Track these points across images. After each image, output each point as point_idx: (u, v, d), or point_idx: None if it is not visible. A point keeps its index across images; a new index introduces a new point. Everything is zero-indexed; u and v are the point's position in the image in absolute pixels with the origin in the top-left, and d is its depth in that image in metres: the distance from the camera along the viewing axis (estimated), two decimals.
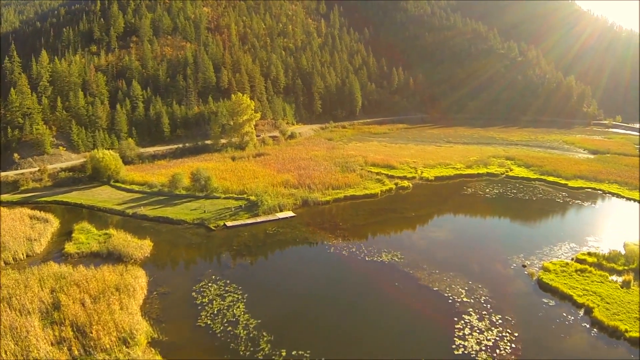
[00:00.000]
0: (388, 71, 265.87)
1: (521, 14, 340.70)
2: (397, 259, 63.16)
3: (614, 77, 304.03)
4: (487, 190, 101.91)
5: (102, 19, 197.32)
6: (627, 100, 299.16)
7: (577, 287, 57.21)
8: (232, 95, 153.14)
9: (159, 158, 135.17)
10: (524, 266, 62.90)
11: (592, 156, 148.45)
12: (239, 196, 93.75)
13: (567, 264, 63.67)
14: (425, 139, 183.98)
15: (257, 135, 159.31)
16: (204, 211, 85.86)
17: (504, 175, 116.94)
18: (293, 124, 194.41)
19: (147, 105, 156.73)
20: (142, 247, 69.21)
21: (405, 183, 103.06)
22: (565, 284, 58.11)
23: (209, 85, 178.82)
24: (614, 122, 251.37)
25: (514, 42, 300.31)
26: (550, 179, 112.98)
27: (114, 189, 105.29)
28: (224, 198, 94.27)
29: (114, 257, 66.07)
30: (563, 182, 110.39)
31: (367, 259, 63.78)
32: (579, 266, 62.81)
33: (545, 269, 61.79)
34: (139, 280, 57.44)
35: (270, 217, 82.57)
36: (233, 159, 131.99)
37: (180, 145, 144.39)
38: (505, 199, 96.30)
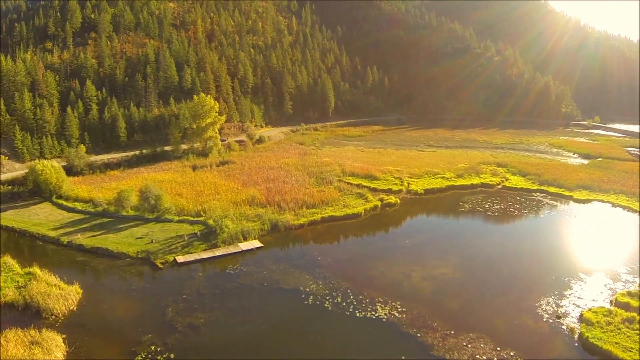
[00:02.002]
0: (362, 70, 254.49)
1: (495, 14, 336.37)
2: (397, 314, 47.89)
3: (586, 78, 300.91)
4: (487, 205, 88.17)
5: (59, 14, 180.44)
6: (601, 101, 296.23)
7: (633, 349, 43.54)
8: (195, 96, 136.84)
9: (112, 167, 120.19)
10: (559, 317, 48.84)
11: (585, 161, 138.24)
12: (195, 219, 77.80)
13: (610, 312, 49.81)
14: (405, 142, 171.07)
15: (222, 140, 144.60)
16: (151, 240, 69.84)
17: (500, 186, 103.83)
18: (262, 127, 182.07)
19: (101, 107, 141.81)
20: (68, 296, 53.23)
21: (392, 199, 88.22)
22: (616, 344, 44.34)
23: (171, 85, 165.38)
24: (593, 123, 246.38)
25: (490, 41, 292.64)
26: (552, 189, 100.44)
27: (54, 208, 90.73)
28: (178, 221, 78.25)
29: (31, 312, 50.94)
30: (567, 193, 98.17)
31: (357, 314, 48.24)
32: (625, 314, 49.15)
33: (587, 322, 47.82)
34: (53, 354, 41.63)
35: (232, 249, 66.83)
36: (194, 168, 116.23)
37: (137, 152, 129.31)
38: (510, 217, 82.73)
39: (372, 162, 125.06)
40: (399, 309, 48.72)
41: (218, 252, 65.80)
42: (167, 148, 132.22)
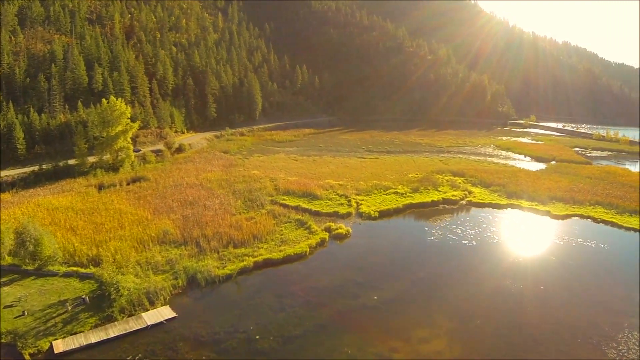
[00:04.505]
0: (291, 70, 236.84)
1: (427, 13, 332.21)
2: None
3: (515, 77, 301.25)
4: (459, 230, 70.49)
5: None
6: (530, 100, 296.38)
7: None
8: (104, 99, 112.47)
9: (4, 188, 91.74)
10: None
11: (541, 165, 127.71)
12: (87, 272, 54.44)
13: None
14: (341, 147, 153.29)
15: (137, 151, 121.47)
16: (23, 312, 46.19)
17: (464, 202, 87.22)
18: (183, 132, 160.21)
19: None
20: None
21: (342, 228, 68.04)
22: None
23: (79, 87, 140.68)
24: (530, 122, 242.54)
25: (423, 40, 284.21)
26: (525, 204, 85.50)
27: None
28: (64, 275, 53.97)
29: None
30: (542, 207, 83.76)
31: None
32: None
33: None
34: None
35: (133, 325, 44.20)
36: (100, 187, 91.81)
37: (36, 168, 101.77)
38: (494, 247, 65.35)
39: (309, 174, 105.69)
40: None
41: (113, 332, 43.34)
42: (72, 162, 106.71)
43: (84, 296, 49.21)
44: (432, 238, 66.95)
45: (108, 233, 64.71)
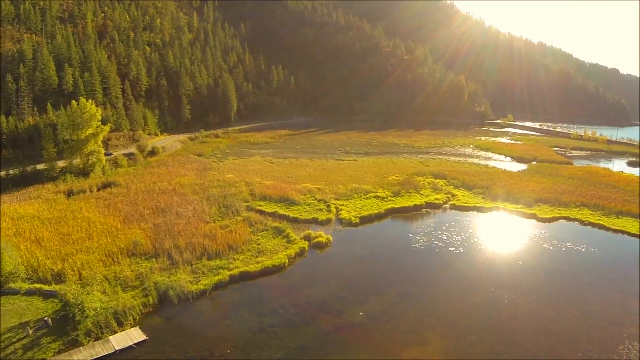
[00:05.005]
0: (266, 70, 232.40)
1: (404, 14, 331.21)
2: None
3: (491, 77, 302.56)
4: (444, 237, 67.05)
5: None
6: (506, 99, 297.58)
7: None
8: (73, 101, 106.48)
9: None
10: None
11: (522, 166, 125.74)
12: (50, 290, 49.20)
13: None
14: (318, 149, 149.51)
15: (108, 154, 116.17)
16: None
17: (448, 205, 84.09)
18: (156, 135, 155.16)
19: None
20: None
21: (322, 236, 63.82)
22: None
23: (49, 88, 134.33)
24: (508, 122, 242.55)
25: (399, 40, 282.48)
26: (510, 206, 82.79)
27: None
28: (26, 293, 48.56)
29: None
30: (527, 210, 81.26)
31: None
32: None
33: None
34: None
35: (100, 350, 39.27)
36: (69, 194, 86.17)
37: (3, 174, 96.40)
38: (483, 254, 62.04)
39: (285, 177, 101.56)
40: None
41: (78, 358, 38.61)
42: (41, 167, 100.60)
43: (46, 318, 44.16)
44: (417, 245, 63.31)
45: (75, 245, 59.54)
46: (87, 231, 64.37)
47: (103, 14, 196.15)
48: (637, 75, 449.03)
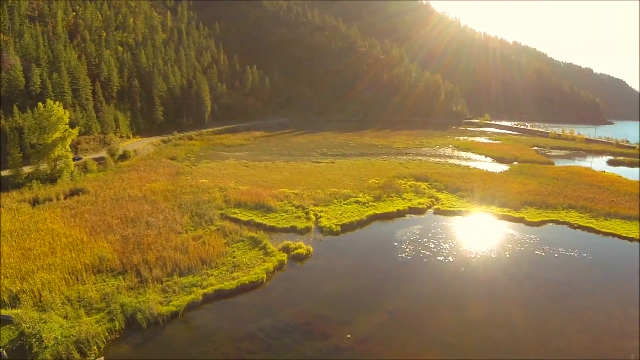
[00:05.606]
0: (241, 70, 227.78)
1: (380, 14, 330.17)
2: None
3: (468, 77, 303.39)
4: (431, 245, 63.19)
5: None
6: (481, 99, 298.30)
7: None
8: (40, 103, 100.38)
9: None
10: None
11: (504, 166, 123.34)
12: (6, 315, 43.30)
13: None
14: (294, 150, 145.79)
15: (77, 159, 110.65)
16: None
17: (432, 210, 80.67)
18: (129, 138, 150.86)
19: None
20: None
21: (301, 247, 59.06)
22: None
23: (15, 90, 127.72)
24: (485, 121, 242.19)
25: (375, 40, 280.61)
26: (497, 210, 79.75)
27: None
28: None
29: None
30: (515, 214, 78.29)
31: None
32: None
33: None
34: None
35: None
36: (34, 202, 79.88)
37: None
38: (471, 263, 58.32)
39: (261, 182, 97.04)
40: None
41: None
42: (6, 173, 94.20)
43: (0, 349, 38.99)
44: (404, 255, 59.30)
45: (36, 261, 53.74)
46: (50, 245, 58.66)
47: (74, 13, 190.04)
48: (610, 75, 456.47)
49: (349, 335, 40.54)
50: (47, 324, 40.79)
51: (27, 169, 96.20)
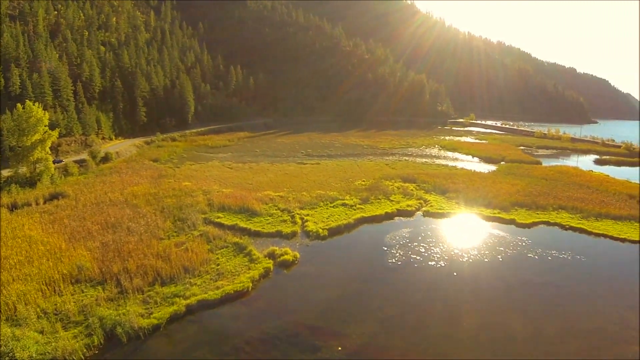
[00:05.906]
0: (225, 70, 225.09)
1: (364, 14, 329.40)
2: None
3: (452, 76, 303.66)
4: (421, 248, 61.27)
5: None
6: (466, 98, 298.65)
7: None
8: (18, 104, 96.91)
9: None
10: None
11: (492, 167, 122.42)
12: None
13: None
14: (278, 152, 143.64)
15: (58, 161, 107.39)
16: None
17: (421, 212, 78.92)
18: (111, 139, 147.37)
19: None
20: None
21: (288, 253, 56.52)
22: None
23: None
24: (470, 121, 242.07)
25: (360, 39, 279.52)
26: (487, 212, 78.23)
27: None
28: None
29: None
30: (505, 215, 76.94)
31: None
32: None
33: None
34: None
35: None
36: (12, 208, 76.52)
37: None
38: (463, 268, 56.52)
39: (246, 184, 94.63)
40: None
41: None
42: None
43: None
44: (394, 260, 57.28)
45: (12, 271, 50.69)
46: (27, 253, 55.57)
47: (56, 12, 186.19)
48: (594, 74, 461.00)
49: (340, 348, 38.34)
50: (20, 342, 38.11)
51: (5, 173, 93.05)
